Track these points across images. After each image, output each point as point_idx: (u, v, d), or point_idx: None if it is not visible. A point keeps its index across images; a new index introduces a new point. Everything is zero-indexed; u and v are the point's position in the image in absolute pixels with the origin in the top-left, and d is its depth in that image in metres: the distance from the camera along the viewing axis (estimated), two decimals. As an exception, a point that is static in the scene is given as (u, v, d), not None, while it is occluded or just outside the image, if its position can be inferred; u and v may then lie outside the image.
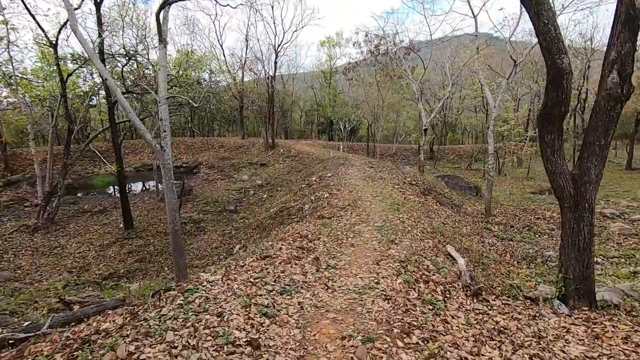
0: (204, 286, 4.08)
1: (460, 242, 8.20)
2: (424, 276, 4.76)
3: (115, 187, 21.82)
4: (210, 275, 4.42)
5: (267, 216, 14.29)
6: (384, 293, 4.11)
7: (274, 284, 4.29)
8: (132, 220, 15.65)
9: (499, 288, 5.30)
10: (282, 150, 28.79)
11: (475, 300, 4.36)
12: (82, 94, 25.26)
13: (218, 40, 50.25)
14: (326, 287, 4.31)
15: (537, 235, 12.61)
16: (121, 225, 15.77)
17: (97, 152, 21.10)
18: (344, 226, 7.41)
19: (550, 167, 4.59)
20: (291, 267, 4.88)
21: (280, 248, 5.83)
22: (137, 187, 25.97)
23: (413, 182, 13.80)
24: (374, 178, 13.86)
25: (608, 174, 26.37)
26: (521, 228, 13.25)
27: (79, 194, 22.01)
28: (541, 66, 30.99)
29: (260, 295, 3.94)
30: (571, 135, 22.21)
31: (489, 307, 4.29)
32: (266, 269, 4.70)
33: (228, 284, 4.17)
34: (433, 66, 27.47)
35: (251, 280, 4.32)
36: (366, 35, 21.25)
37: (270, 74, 28.65)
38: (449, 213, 11.86)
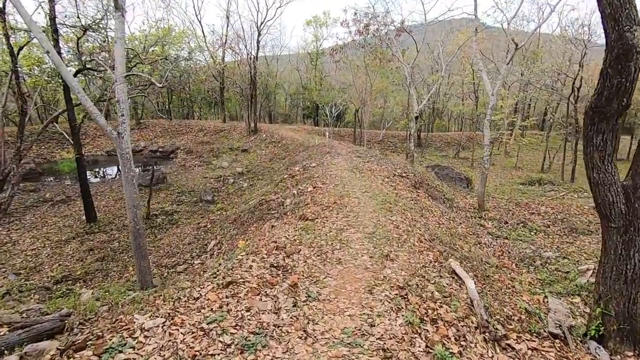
0: (135, 338, 2.93)
1: (460, 249, 7.27)
2: (429, 311, 3.74)
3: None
4: (149, 318, 3.26)
5: (246, 209, 13.10)
6: (382, 345, 3.07)
7: (235, 331, 3.18)
8: (94, 212, 14.17)
9: (516, 318, 4.36)
10: (264, 135, 27.33)
11: (498, 349, 3.38)
12: (49, 70, 22.93)
13: (196, 16, 47.30)
14: (305, 335, 3.23)
15: (532, 233, 11.90)
16: (83, 217, 14.28)
17: (64, 133, 19.14)
18: (329, 232, 6.32)
19: (597, 177, 3.56)
20: (260, 299, 3.77)
21: (251, 266, 4.70)
22: (112, 171, 24.10)
23: (403, 174, 12.81)
24: (362, 169, 12.79)
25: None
26: (515, 224, 12.53)
27: (44, 180, 20.16)
28: (532, 52, 30.22)
29: (213, 355, 2.82)
30: (563, 127, 21.61)
31: (517, 358, 3.32)
32: (227, 306, 3.58)
33: (170, 335, 3.04)
34: (424, 50, 26.24)
35: (204, 326, 3.19)
36: (355, 14, 19.82)
37: (253, 53, 26.84)
38: (443, 209, 10.95)
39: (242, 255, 5.25)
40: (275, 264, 4.79)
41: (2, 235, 13.14)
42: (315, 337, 3.22)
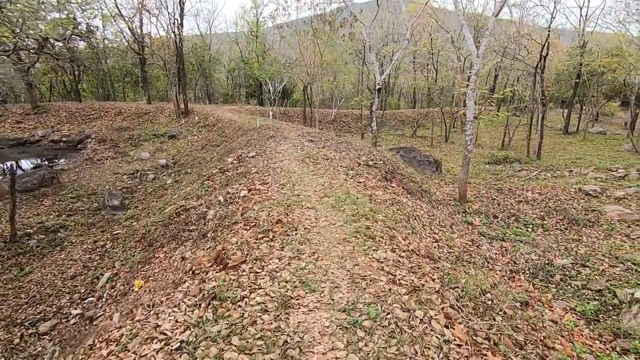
0: None
1: (465, 273, 4.45)
2: None
3: None
4: None
5: (160, 220, 9.37)
6: None
7: None
8: None
9: None
10: (197, 118, 22.91)
11: None
12: None
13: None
14: None
15: (529, 229, 9.68)
16: None
17: None
18: (259, 315, 3.06)
19: None
20: None
21: None
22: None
23: (371, 163, 9.84)
24: (317, 158, 9.59)
25: (549, 139, 25.63)
26: (506, 218, 10.24)
27: None
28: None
29: None
30: (530, 102, 20.05)
31: None
32: None
33: None
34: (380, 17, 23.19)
35: None
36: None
37: (177, 17, 21.91)
38: (427, 210, 8.17)
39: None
40: None
41: None
42: None
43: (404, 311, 2.95)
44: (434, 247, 5.42)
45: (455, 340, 2.74)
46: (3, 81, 25.10)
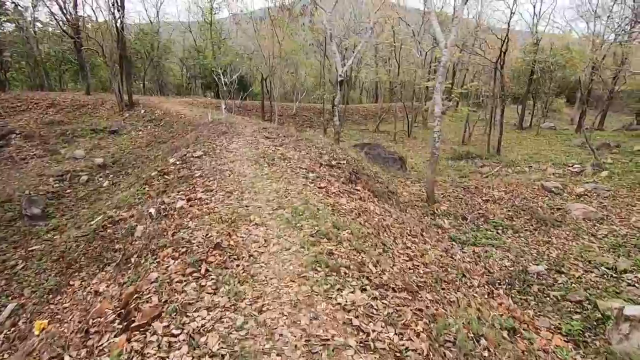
0: None
1: (449, 305, 3.64)
2: None
3: None
4: None
5: (84, 235, 7.79)
6: None
7: None
8: None
9: None
10: (143, 111, 20.73)
11: None
12: None
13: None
14: None
15: (499, 231, 9.22)
16: None
17: None
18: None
19: None
20: None
21: None
22: None
23: (333, 163, 8.87)
24: (273, 159, 8.45)
25: (505, 134, 26.22)
26: (476, 220, 9.75)
27: None
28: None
29: None
30: (489, 97, 20.10)
31: None
32: None
33: None
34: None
35: None
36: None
37: (115, -3, 19.44)
38: (395, 215, 7.35)
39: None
40: None
41: None
42: None
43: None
44: (409, 270, 4.52)
45: None
46: None
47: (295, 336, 2.51)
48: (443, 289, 4.51)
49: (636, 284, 6.40)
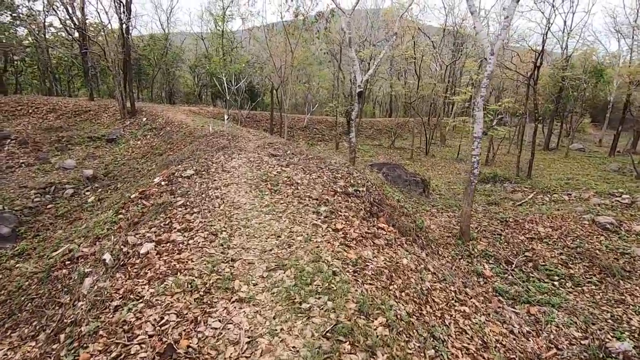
0: None
1: None
2: None
3: None
4: None
5: (38, 272, 6.26)
6: None
7: None
8: None
9: None
10: (145, 119, 19.51)
11: None
12: None
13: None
14: None
15: (557, 284, 7.40)
16: None
17: None
18: None
19: None
20: None
21: None
22: None
23: (351, 190, 7.24)
24: (277, 183, 6.87)
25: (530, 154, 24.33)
26: (523, 265, 7.96)
27: None
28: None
29: None
30: (522, 115, 18.32)
31: None
32: None
33: None
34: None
35: None
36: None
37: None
38: (433, 267, 5.65)
39: None
40: None
41: None
42: None
43: None
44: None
45: None
46: None
47: None
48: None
49: None
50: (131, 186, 11.03)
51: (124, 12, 18.46)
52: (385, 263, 4.32)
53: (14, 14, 27.43)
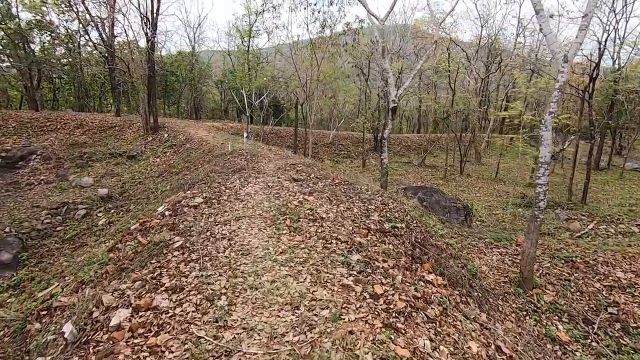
0: None
1: None
2: None
3: None
4: None
5: (12, 321, 5.33)
6: None
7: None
8: None
9: None
10: (167, 135, 19.07)
11: None
12: None
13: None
14: None
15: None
16: None
17: None
18: None
19: None
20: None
21: None
22: None
23: (387, 227, 5.91)
24: (298, 218, 5.66)
25: (580, 175, 21.96)
26: (607, 326, 6.25)
27: None
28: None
29: None
30: (566, 130, 16.36)
31: None
32: None
33: None
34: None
35: None
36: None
37: (148, 16, 18.37)
38: (505, 345, 4.16)
39: None
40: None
41: None
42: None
43: None
44: None
45: None
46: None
47: None
48: None
49: None
50: (140, 210, 10.18)
51: (149, 28, 18.30)
52: (450, 359, 2.94)
53: (52, 34, 28.38)
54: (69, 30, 29.69)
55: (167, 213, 6.45)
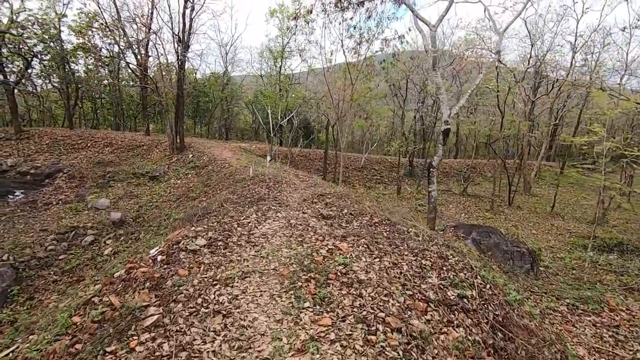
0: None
1: None
2: None
3: None
4: None
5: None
6: None
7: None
8: None
9: None
10: (191, 155, 18.29)
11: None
12: None
13: None
14: None
15: None
16: None
17: None
18: None
19: None
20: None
21: None
22: None
23: (453, 299, 4.12)
24: (326, 281, 4.01)
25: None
26: None
27: None
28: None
29: None
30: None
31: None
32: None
33: None
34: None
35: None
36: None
37: (179, 34, 18.04)
38: None
39: None
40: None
41: None
42: None
43: None
44: None
45: None
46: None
47: None
48: None
49: None
50: (150, 239, 8.95)
51: (180, 47, 17.94)
52: None
53: (96, 56, 29.31)
54: (112, 53, 30.66)
55: (159, 258, 5.03)
